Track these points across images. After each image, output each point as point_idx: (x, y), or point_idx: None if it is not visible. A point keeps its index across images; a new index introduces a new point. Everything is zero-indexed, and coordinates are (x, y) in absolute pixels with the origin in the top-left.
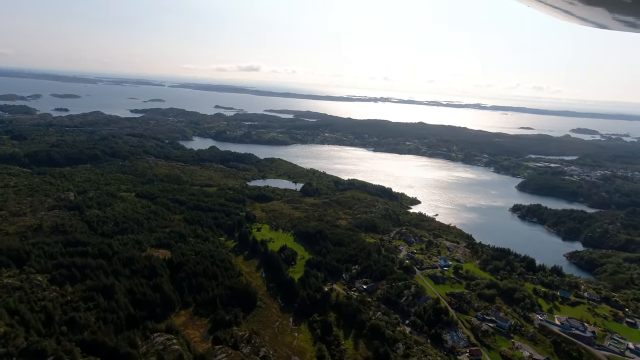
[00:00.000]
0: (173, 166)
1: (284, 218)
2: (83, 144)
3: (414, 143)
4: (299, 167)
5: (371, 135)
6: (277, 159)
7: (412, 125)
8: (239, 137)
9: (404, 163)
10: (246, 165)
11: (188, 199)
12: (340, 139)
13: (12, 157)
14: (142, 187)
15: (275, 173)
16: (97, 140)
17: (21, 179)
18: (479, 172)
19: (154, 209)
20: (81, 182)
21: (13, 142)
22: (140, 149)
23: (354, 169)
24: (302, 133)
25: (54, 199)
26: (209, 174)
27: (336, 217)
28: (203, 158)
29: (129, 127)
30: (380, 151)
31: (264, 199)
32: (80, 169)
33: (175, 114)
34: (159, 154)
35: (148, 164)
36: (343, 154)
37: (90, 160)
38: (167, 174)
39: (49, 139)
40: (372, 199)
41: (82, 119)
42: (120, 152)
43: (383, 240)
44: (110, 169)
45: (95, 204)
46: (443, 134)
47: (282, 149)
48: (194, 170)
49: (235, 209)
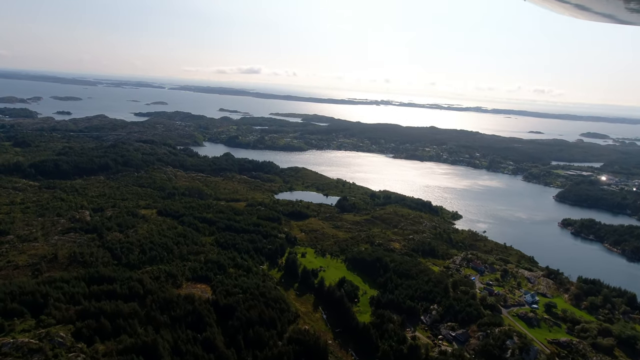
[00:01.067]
0: (193, 177)
1: (328, 240)
2: (92, 152)
3: (434, 149)
4: (325, 177)
5: (387, 140)
6: (301, 168)
7: (424, 130)
8: (252, 143)
9: (427, 171)
10: (270, 176)
11: (217, 217)
12: (356, 144)
13: (17, 168)
14: (163, 202)
15: (302, 184)
16: (107, 147)
17: (29, 195)
18: (507, 180)
19: (182, 231)
20: (95, 198)
21: (16, 150)
22: (154, 157)
23: (378, 177)
24: (317, 138)
25: (67, 219)
26: (233, 187)
27: (386, 238)
28: (221, 167)
29: (137, 132)
30: (400, 158)
31: (299, 217)
32: (92, 181)
33: (181, 118)
34: (173, 163)
35: (166, 175)
36: (363, 161)
37: (101, 170)
38: (188, 187)
39: (55, 146)
40: (415, 214)
41: (86, 123)
42: (133, 160)
43: (449, 268)
44: (125, 181)
45: (115, 225)
46: (459, 138)
47: (298, 155)
48: (216, 182)
49: (272, 230)
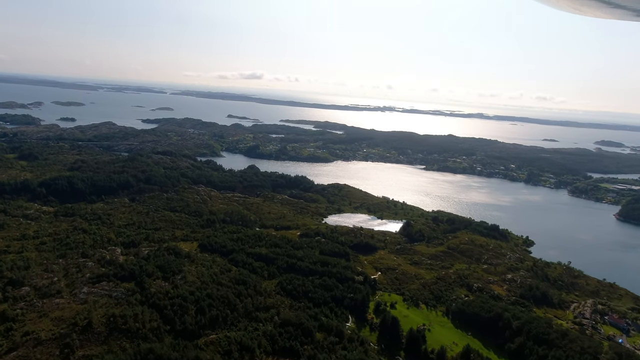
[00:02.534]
0: (229, 199)
1: (412, 281)
2: (109, 167)
3: (465, 160)
4: (371, 195)
5: (414, 150)
6: (343, 186)
7: (443, 138)
8: (274, 154)
9: (462, 185)
10: (311, 195)
11: (273, 253)
12: (383, 155)
13: (25, 187)
14: (202, 232)
15: (349, 204)
16: (124, 161)
17: (43, 225)
18: (551, 195)
19: (238, 275)
20: (123, 228)
21: (22, 164)
22: (176, 171)
23: (418, 193)
24: (341, 148)
25: (95, 261)
26: (278, 210)
27: (482, 279)
28: (253, 183)
29: (150, 142)
30: (431, 170)
31: (366, 250)
32: (116, 204)
33: (192, 125)
34: (199, 178)
35: (200, 197)
36: (396, 174)
37: (121, 188)
38: (227, 211)
39: (65, 159)
40: (494, 244)
41: (94, 131)
42: (156, 177)
43: (582, 325)
44: (154, 205)
45: (156, 268)
46: (482, 147)
47: (324, 166)
48: (256, 204)
49: (344, 270)
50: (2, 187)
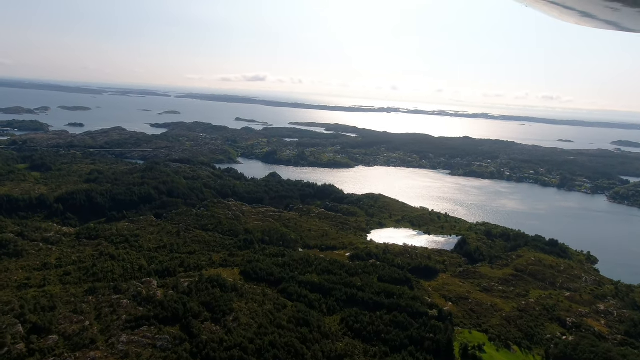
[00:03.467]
0: (263, 214)
1: (490, 314)
2: (126, 178)
3: (490, 164)
4: (409, 206)
5: (436, 154)
6: (378, 196)
7: (459, 140)
8: (293, 159)
9: (493, 192)
10: (348, 207)
11: (327, 281)
12: (404, 159)
13: (40, 203)
14: (242, 255)
15: (390, 217)
16: (142, 171)
17: (65, 251)
18: (588, 201)
19: (295, 312)
20: (154, 251)
21: (34, 176)
22: (198, 181)
23: (455, 204)
24: (361, 153)
25: (130, 297)
26: (318, 226)
27: (570, 310)
28: (281, 194)
29: (164, 148)
30: (457, 175)
31: (426, 273)
32: (142, 223)
33: (202, 129)
34: (223, 189)
35: (231, 212)
36: (422, 180)
37: (143, 202)
38: (263, 229)
39: (79, 169)
40: (565, 264)
41: (105, 138)
42: (179, 189)
43: None
44: (184, 222)
45: (202, 307)
46: (502, 149)
47: (346, 172)
48: (293, 219)
49: (412, 301)
50: (17, 203)
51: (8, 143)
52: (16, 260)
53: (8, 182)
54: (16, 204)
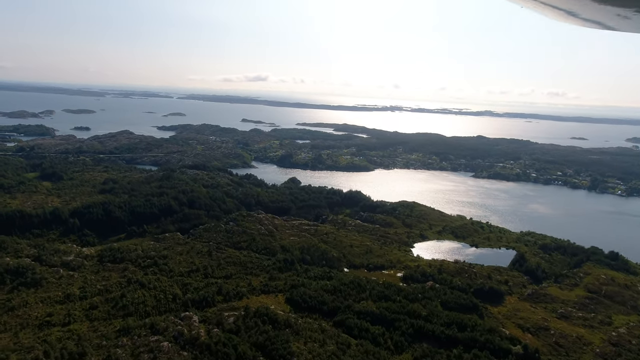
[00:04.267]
0: (297, 227)
1: (580, 349)
2: (143, 187)
3: (513, 165)
4: (446, 215)
5: (456, 156)
6: (411, 204)
7: (473, 140)
8: (310, 162)
9: (521, 195)
10: (383, 217)
11: (387, 310)
12: (424, 161)
13: (55, 219)
14: (284, 278)
15: (429, 227)
16: (159, 179)
17: (88, 277)
18: (625, 204)
19: (360, 352)
20: (186, 276)
21: (46, 186)
22: (218, 190)
23: (486, 210)
24: (378, 155)
25: (171, 339)
26: (358, 240)
27: None
28: (308, 203)
29: (176, 153)
30: (481, 177)
31: (492, 296)
32: (168, 241)
33: (211, 131)
34: (246, 198)
35: (263, 226)
36: (447, 184)
37: (164, 215)
38: (301, 246)
39: (92, 178)
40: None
41: (114, 142)
42: (200, 199)
43: None
44: (214, 239)
45: (256, 350)
46: (525, 150)
47: (366, 176)
48: (331, 234)
49: (489, 334)
50: (30, 219)
51: (15, 149)
52: (35, 291)
53: (19, 194)
54: (29, 220)
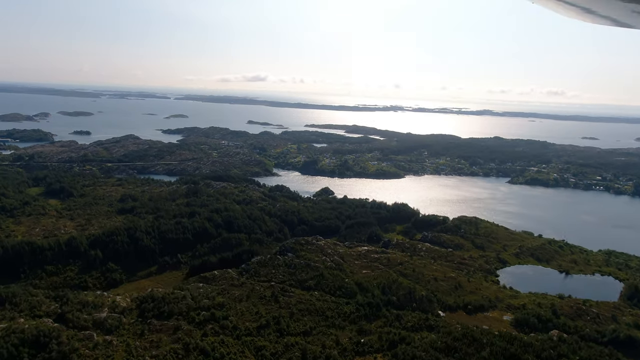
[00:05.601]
0: (365, 256)
1: None
2: (168, 205)
3: (546, 169)
4: (514, 232)
5: (485, 159)
6: (472, 219)
7: (491, 141)
8: (337, 170)
9: (565, 203)
10: (449, 237)
11: None
12: (454, 166)
13: (72, 251)
14: (375, 331)
15: (503, 249)
16: (185, 195)
17: (132, 344)
18: None
19: None
20: (255, 334)
21: (54, 205)
22: (253, 206)
23: (541, 223)
24: (406, 160)
25: None
26: (439, 271)
27: None
28: (357, 220)
29: (190, 160)
30: (517, 183)
31: (629, 347)
32: (219, 281)
33: (221, 135)
34: (286, 216)
35: (327, 257)
36: (485, 191)
37: (200, 240)
38: (378, 281)
39: (106, 193)
40: None
41: (121, 149)
42: (237, 219)
43: None
44: (275, 278)
45: None
46: (550, 152)
47: (399, 183)
48: (407, 263)
49: None
50: (42, 253)
51: (13, 158)
52: None
53: (24, 217)
54: (41, 255)
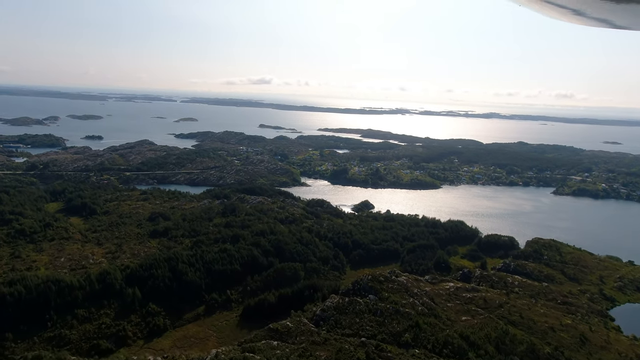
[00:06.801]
0: (456, 295)
1: None
2: (205, 225)
3: (587, 178)
4: (602, 258)
5: (522, 167)
6: (548, 242)
7: (516, 146)
8: (370, 179)
9: (620, 217)
10: (535, 266)
11: None
12: (490, 175)
13: (106, 288)
14: None
15: (601, 281)
16: (222, 213)
17: None
18: None
19: None
20: None
21: (77, 225)
22: (300, 226)
23: (612, 245)
24: (439, 168)
25: None
26: (554, 317)
27: None
28: (417, 243)
29: (213, 169)
30: (563, 194)
31: None
32: (294, 336)
33: (237, 140)
34: (340, 239)
35: (416, 299)
36: (528, 203)
37: (249, 271)
38: (485, 332)
39: (131, 209)
40: None
41: (138, 156)
42: (287, 244)
43: None
44: (363, 330)
45: None
46: (581, 158)
47: (437, 194)
48: (509, 305)
49: None
50: (71, 292)
51: (26, 167)
52: None
53: (46, 242)
54: (71, 295)
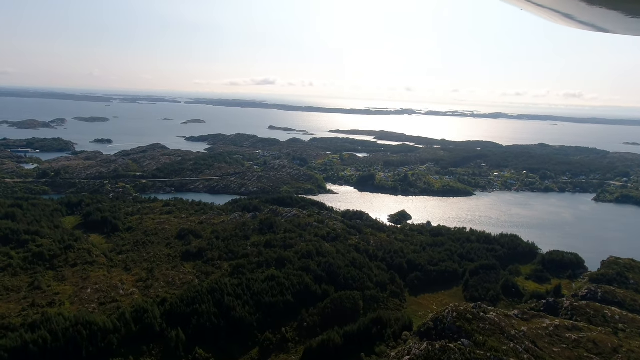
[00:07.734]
0: (559, 337)
1: None
2: (242, 245)
3: (627, 183)
4: None
5: (555, 172)
6: (628, 262)
7: (537, 149)
8: (399, 186)
9: None
10: (619, 291)
11: None
12: (523, 180)
13: (144, 330)
14: None
15: None
16: (258, 231)
17: None
18: None
19: None
20: None
21: (99, 245)
22: (346, 244)
23: None
24: (468, 173)
25: None
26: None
27: None
28: (479, 262)
29: (233, 176)
30: (605, 201)
31: None
32: None
33: (250, 143)
34: (393, 261)
35: (518, 344)
36: (569, 212)
37: (302, 302)
38: None
39: (155, 225)
40: None
41: (153, 162)
42: (340, 268)
43: None
44: None
45: None
46: (611, 160)
47: (472, 202)
48: (618, 345)
49: None
50: (105, 336)
51: (37, 174)
52: None
53: (67, 268)
54: (104, 340)
